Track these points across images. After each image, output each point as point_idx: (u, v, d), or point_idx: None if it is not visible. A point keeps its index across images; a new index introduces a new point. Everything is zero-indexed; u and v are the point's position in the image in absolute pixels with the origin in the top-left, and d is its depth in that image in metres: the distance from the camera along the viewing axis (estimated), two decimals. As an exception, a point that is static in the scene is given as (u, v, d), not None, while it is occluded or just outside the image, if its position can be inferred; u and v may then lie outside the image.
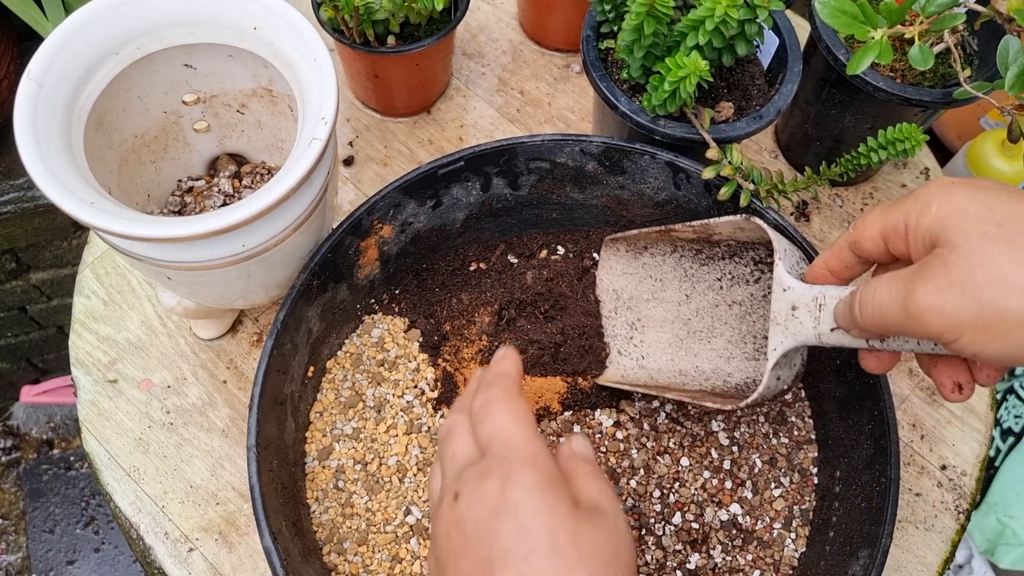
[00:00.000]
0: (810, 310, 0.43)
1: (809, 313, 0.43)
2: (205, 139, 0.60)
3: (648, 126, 0.55)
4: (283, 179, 0.44)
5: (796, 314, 0.43)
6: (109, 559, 1.30)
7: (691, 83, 0.50)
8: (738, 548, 0.53)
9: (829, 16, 0.51)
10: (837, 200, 0.72)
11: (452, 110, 0.75)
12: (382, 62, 0.67)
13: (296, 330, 0.52)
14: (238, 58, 0.53)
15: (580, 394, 0.57)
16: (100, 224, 0.41)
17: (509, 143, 0.56)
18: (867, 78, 0.58)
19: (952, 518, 0.60)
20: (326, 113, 0.45)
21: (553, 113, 0.75)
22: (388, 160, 0.72)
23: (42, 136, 0.44)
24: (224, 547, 0.56)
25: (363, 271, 0.57)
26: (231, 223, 0.42)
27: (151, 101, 0.55)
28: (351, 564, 0.51)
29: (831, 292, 0.42)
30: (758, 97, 0.60)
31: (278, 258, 0.49)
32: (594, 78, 0.57)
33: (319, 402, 0.56)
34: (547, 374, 0.57)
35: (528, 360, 0.57)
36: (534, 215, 0.61)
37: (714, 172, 0.53)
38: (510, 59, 0.78)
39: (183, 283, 0.50)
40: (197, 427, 0.60)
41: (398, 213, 0.56)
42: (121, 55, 0.49)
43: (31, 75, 0.45)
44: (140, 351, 0.63)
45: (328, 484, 0.53)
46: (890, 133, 0.52)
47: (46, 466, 1.38)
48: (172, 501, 0.58)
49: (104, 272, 0.66)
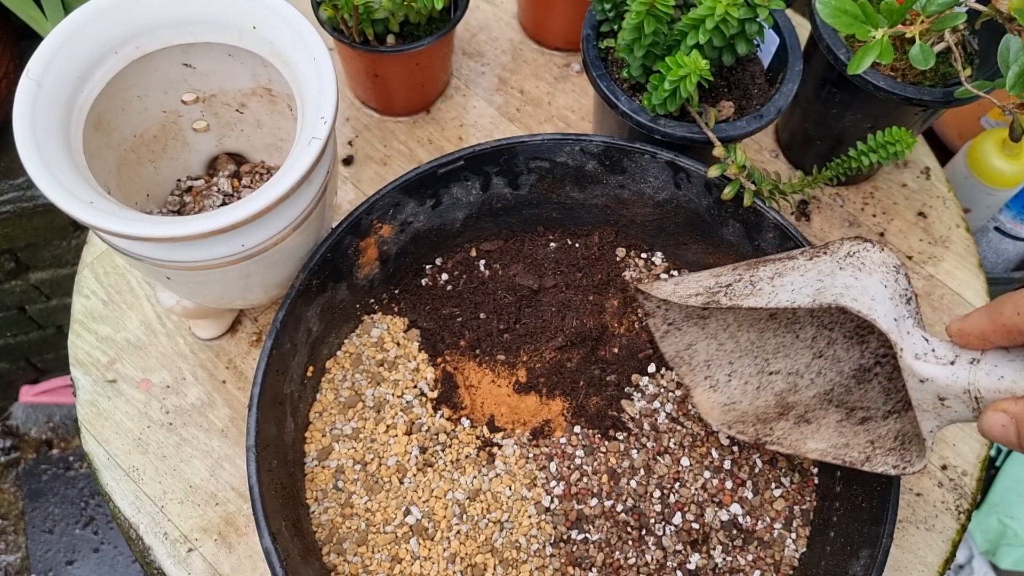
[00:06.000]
0: (963, 401, 0.38)
1: (963, 403, 0.38)
2: (204, 138, 0.60)
3: (648, 125, 0.55)
4: (282, 179, 0.44)
5: (946, 403, 0.38)
6: (108, 559, 1.30)
7: (691, 82, 0.50)
8: (738, 548, 0.53)
9: (830, 16, 0.51)
10: (838, 200, 0.72)
11: (452, 109, 0.75)
12: (381, 61, 0.67)
13: (295, 330, 0.52)
14: (237, 57, 0.53)
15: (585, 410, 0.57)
16: (99, 224, 0.41)
17: (509, 142, 0.56)
18: (868, 77, 0.58)
19: (953, 518, 0.59)
20: (325, 112, 0.45)
21: (553, 112, 0.75)
22: (388, 160, 0.72)
23: (41, 135, 0.44)
24: (223, 547, 0.56)
25: (362, 271, 0.57)
26: (230, 223, 0.42)
27: (150, 100, 0.55)
28: (350, 564, 0.51)
29: (985, 383, 0.37)
30: (758, 96, 0.59)
31: (277, 258, 0.49)
32: (594, 77, 0.57)
33: (318, 402, 0.56)
34: (553, 389, 0.57)
35: (534, 373, 0.57)
36: (534, 214, 0.61)
37: (719, 171, 0.53)
38: (510, 58, 0.78)
39: (182, 283, 0.50)
40: (196, 427, 0.60)
41: (398, 213, 0.56)
42: (120, 54, 0.49)
43: (30, 74, 0.45)
44: (139, 351, 0.63)
45: (327, 484, 0.53)
46: (881, 136, 0.52)
47: (45, 466, 1.37)
48: (171, 501, 0.57)
49: (103, 272, 0.66)
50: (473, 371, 0.58)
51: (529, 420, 0.56)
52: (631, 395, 0.57)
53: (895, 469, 0.44)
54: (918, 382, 0.39)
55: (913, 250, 0.70)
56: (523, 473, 0.54)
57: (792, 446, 0.48)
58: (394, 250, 0.58)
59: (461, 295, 0.60)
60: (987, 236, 0.91)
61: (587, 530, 0.52)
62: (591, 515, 0.53)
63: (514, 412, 0.57)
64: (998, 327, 0.36)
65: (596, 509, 0.53)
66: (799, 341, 0.50)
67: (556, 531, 0.52)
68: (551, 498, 0.53)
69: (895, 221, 0.71)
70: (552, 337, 0.58)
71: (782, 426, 0.49)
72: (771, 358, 0.51)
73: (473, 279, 0.61)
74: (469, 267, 0.61)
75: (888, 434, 0.45)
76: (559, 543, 0.52)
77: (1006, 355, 0.37)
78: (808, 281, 0.43)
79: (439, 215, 0.59)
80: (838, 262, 0.43)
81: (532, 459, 0.55)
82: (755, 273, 0.47)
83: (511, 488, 0.53)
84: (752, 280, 0.47)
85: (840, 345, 0.49)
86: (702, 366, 0.53)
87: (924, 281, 0.69)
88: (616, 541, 0.52)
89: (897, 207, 0.72)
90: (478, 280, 0.60)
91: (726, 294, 0.47)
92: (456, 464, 0.54)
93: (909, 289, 0.42)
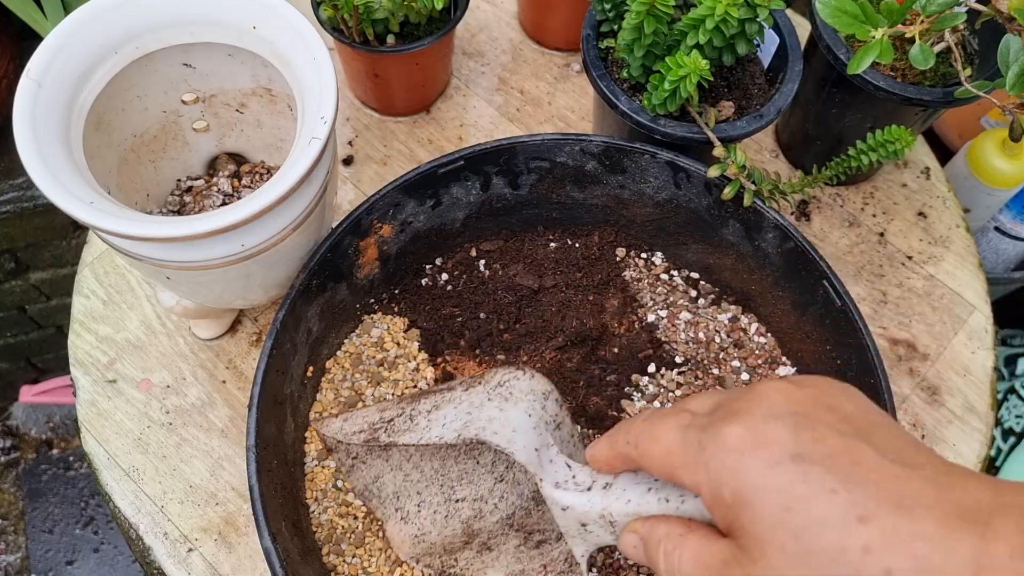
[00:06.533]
0: (601, 525, 0.38)
1: (601, 527, 0.39)
2: (204, 138, 0.60)
3: (648, 125, 0.55)
4: (282, 178, 0.44)
5: (588, 528, 0.39)
6: (108, 559, 1.30)
7: (691, 82, 0.50)
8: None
9: (830, 15, 0.51)
10: (838, 200, 0.72)
11: (452, 109, 0.75)
12: (382, 61, 0.67)
13: (295, 330, 0.52)
14: (237, 57, 0.53)
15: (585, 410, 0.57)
16: (99, 224, 0.41)
17: (509, 142, 0.56)
18: (868, 77, 0.58)
19: (953, 518, 0.59)
20: (325, 112, 0.45)
21: (553, 112, 0.75)
22: (388, 159, 0.72)
23: (41, 136, 0.44)
24: (223, 547, 0.56)
25: (363, 271, 0.57)
26: (230, 223, 0.42)
27: (150, 100, 0.55)
28: (350, 565, 0.51)
29: (616, 508, 0.37)
30: (759, 96, 0.59)
31: (277, 258, 0.49)
32: (594, 77, 0.57)
33: (319, 402, 0.56)
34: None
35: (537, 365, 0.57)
36: (534, 214, 0.61)
37: (719, 171, 0.53)
38: (510, 58, 0.78)
39: (182, 283, 0.50)
40: (196, 427, 0.60)
41: (398, 213, 0.56)
42: (120, 54, 0.49)
43: (30, 74, 0.45)
44: (139, 351, 0.63)
45: (327, 484, 0.53)
46: (880, 135, 0.52)
47: (45, 466, 1.37)
48: (171, 501, 0.57)
49: (103, 272, 0.66)
50: (473, 371, 0.58)
51: (529, 420, 0.56)
52: (631, 395, 0.57)
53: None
54: (560, 510, 0.39)
55: (913, 250, 0.70)
56: (523, 473, 0.54)
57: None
58: (394, 250, 0.58)
59: (461, 295, 0.60)
60: (987, 236, 0.91)
61: (587, 530, 0.52)
62: (591, 515, 0.53)
63: (514, 412, 0.57)
64: (617, 455, 0.37)
65: (596, 509, 0.53)
66: (480, 467, 0.50)
67: (556, 531, 0.52)
68: (551, 498, 0.53)
69: (895, 221, 0.71)
70: (552, 337, 0.58)
71: (466, 555, 0.49)
72: (456, 485, 0.51)
73: (473, 279, 0.61)
74: (469, 267, 0.61)
75: (559, 556, 0.46)
76: (559, 543, 0.52)
77: (633, 478, 0.38)
78: (459, 415, 0.44)
79: (439, 215, 0.59)
80: (487, 393, 0.44)
81: (532, 459, 0.55)
82: (416, 407, 0.48)
83: (511, 488, 0.53)
84: (412, 415, 0.47)
85: (517, 467, 0.49)
86: (391, 498, 0.52)
87: (924, 281, 0.69)
88: (616, 541, 0.52)
89: (897, 207, 0.72)
90: (478, 280, 0.60)
91: (386, 430, 0.47)
92: (456, 464, 0.54)
93: (559, 415, 0.43)
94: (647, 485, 0.37)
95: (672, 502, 0.36)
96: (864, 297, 0.68)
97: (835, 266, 0.67)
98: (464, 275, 0.61)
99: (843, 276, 0.68)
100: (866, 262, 0.69)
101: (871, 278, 0.69)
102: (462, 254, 0.62)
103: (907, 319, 0.67)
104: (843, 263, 0.69)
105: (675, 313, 0.60)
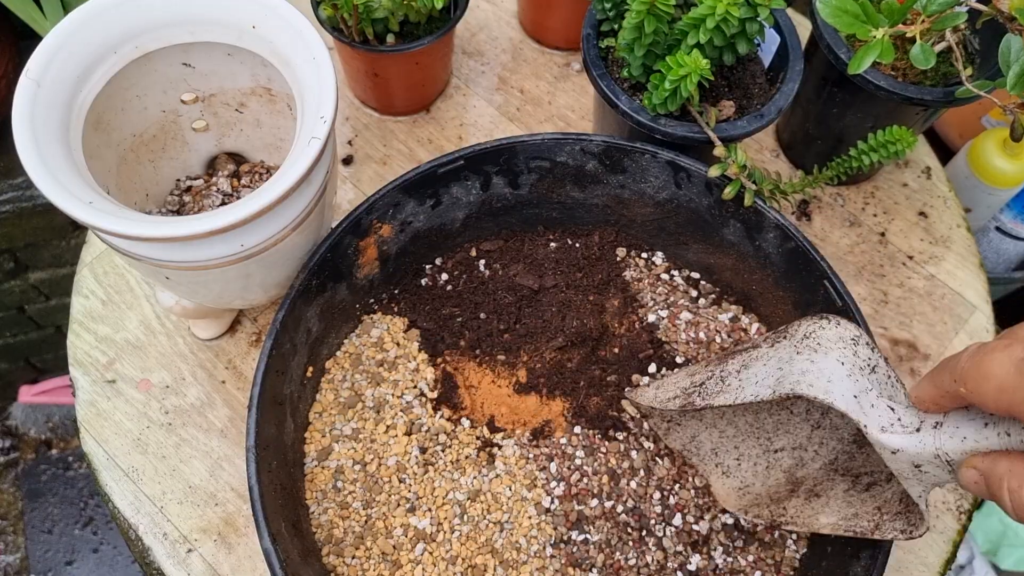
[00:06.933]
0: (937, 465, 0.38)
1: (937, 467, 0.38)
2: (204, 138, 0.60)
3: (649, 125, 0.55)
4: (282, 178, 0.43)
5: (923, 469, 0.38)
6: (108, 559, 1.30)
7: (692, 82, 0.50)
8: (739, 549, 0.52)
9: (830, 15, 0.51)
10: (839, 200, 0.72)
11: (452, 109, 0.75)
12: (381, 61, 0.67)
13: (295, 330, 0.52)
14: (237, 57, 0.53)
15: (585, 410, 0.57)
16: (98, 224, 0.41)
17: (509, 142, 0.56)
18: (868, 77, 0.58)
19: (954, 518, 0.59)
20: (325, 112, 0.45)
21: (553, 112, 0.75)
22: (387, 159, 0.72)
23: (40, 135, 0.44)
24: (223, 548, 0.56)
25: (362, 271, 0.57)
26: (230, 223, 0.42)
27: (150, 100, 0.54)
28: (350, 566, 0.51)
29: (951, 446, 0.37)
30: (759, 96, 0.59)
31: (277, 258, 0.49)
32: (594, 77, 0.57)
33: (318, 402, 0.56)
34: (554, 389, 0.57)
35: (534, 373, 0.57)
36: (534, 214, 0.61)
37: (720, 171, 0.53)
38: (510, 58, 0.78)
39: (181, 283, 0.50)
40: (196, 427, 0.60)
41: (397, 212, 0.56)
42: (119, 54, 0.49)
43: (29, 74, 0.45)
44: (138, 351, 0.63)
45: (327, 485, 0.53)
46: (882, 135, 0.52)
47: (44, 466, 1.37)
48: (171, 502, 0.57)
49: (102, 272, 0.66)
50: (473, 371, 0.58)
51: (529, 420, 0.56)
52: (631, 395, 0.57)
53: (903, 534, 0.44)
54: (890, 453, 0.39)
55: (914, 250, 0.70)
56: (523, 474, 0.54)
57: (806, 523, 0.49)
58: (394, 250, 0.58)
59: (461, 295, 0.60)
60: (988, 236, 0.91)
61: (587, 531, 0.52)
62: (591, 516, 0.53)
63: (514, 412, 0.57)
64: (944, 394, 0.36)
65: (596, 510, 0.53)
66: (794, 416, 0.50)
67: (556, 532, 0.52)
68: (551, 499, 0.53)
69: (896, 221, 0.71)
70: (552, 337, 0.58)
71: (794, 504, 0.50)
72: (773, 436, 0.51)
73: (473, 279, 0.60)
74: (469, 267, 0.61)
75: (893, 497, 0.45)
76: (559, 544, 0.52)
77: (966, 414, 0.37)
78: (770, 371, 0.44)
79: (439, 215, 0.58)
80: (795, 346, 0.44)
81: (532, 459, 0.54)
82: (724, 367, 0.48)
83: (511, 489, 0.53)
84: (722, 376, 0.47)
85: (834, 413, 0.48)
86: (710, 455, 0.53)
87: (925, 281, 0.69)
88: (616, 542, 0.52)
89: (898, 207, 0.72)
90: (478, 280, 0.60)
91: (699, 394, 0.47)
92: (456, 464, 0.54)
93: (872, 357, 0.42)
94: (983, 420, 0.36)
95: (1014, 436, 0.35)
96: (865, 297, 0.68)
97: (836, 266, 0.67)
98: (464, 275, 0.61)
99: (844, 276, 0.68)
100: (867, 262, 0.69)
101: (872, 278, 0.69)
102: (462, 254, 0.61)
103: (908, 319, 0.67)
104: (844, 263, 0.69)
105: (676, 313, 0.59)
